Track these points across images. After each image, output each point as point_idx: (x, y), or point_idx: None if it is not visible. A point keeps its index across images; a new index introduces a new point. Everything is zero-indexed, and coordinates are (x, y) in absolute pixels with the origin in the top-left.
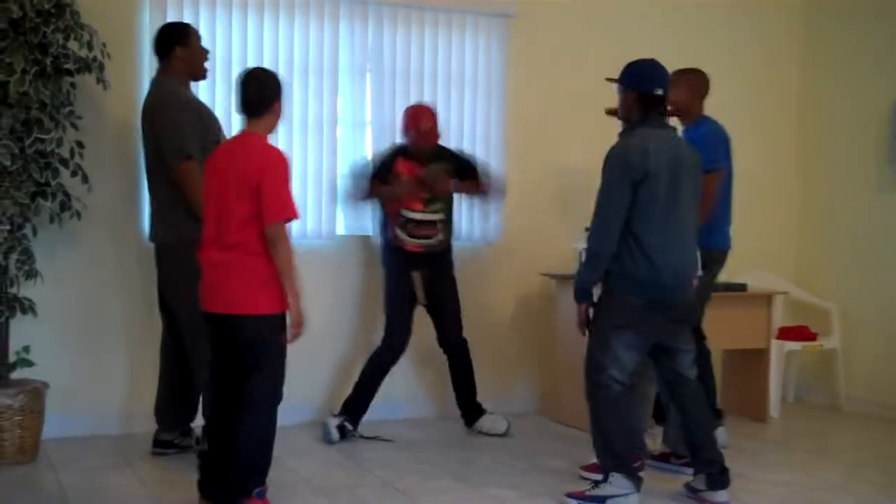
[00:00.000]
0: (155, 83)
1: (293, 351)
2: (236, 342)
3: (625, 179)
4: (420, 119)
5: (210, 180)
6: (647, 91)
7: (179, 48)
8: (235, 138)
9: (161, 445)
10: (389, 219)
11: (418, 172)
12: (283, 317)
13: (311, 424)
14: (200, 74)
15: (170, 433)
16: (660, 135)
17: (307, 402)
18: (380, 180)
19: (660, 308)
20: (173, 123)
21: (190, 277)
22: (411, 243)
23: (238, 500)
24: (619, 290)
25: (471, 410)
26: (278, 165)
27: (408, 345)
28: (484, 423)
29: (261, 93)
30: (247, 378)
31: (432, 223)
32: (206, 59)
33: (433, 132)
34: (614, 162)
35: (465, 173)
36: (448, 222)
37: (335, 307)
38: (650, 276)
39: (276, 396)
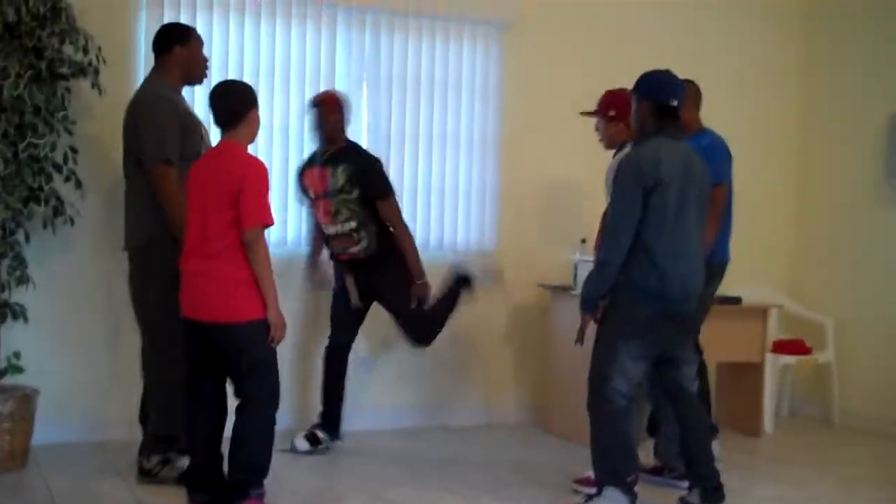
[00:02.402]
0: (145, 82)
1: (283, 361)
2: (223, 350)
3: (637, 189)
4: (326, 102)
5: (192, 192)
6: (662, 101)
7: (179, 47)
8: (214, 149)
9: None
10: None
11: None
12: (267, 320)
13: (298, 432)
14: (197, 79)
15: None
16: (672, 145)
17: (295, 410)
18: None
19: (667, 318)
20: (155, 125)
21: (157, 280)
22: (339, 252)
23: (235, 500)
24: (628, 300)
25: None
26: (257, 173)
27: (350, 342)
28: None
29: (231, 106)
30: (244, 385)
31: (347, 235)
32: (206, 66)
33: (336, 117)
34: (626, 171)
35: (368, 190)
36: (366, 228)
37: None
38: (659, 286)
39: (275, 399)
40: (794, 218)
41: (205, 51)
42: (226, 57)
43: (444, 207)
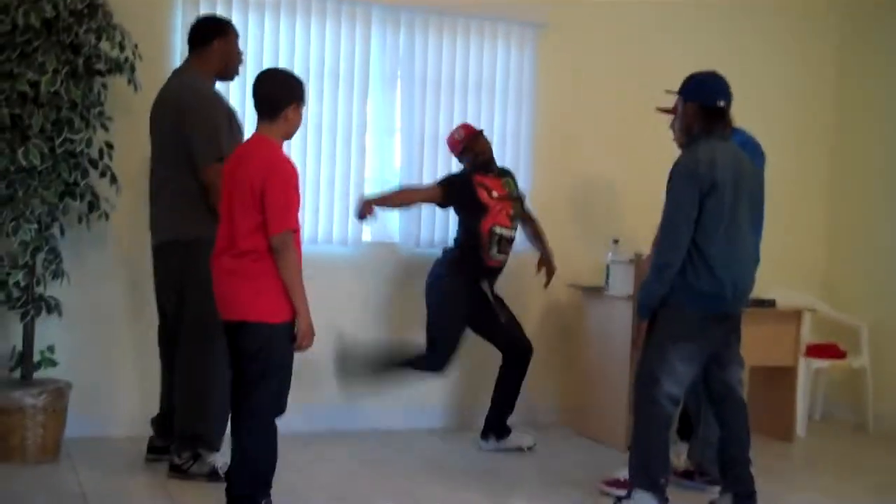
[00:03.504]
0: (181, 76)
1: (317, 358)
2: (244, 349)
3: (693, 192)
4: (474, 135)
5: (225, 186)
6: (709, 103)
7: (218, 41)
8: (246, 143)
9: (155, 451)
10: (481, 239)
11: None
12: (291, 325)
13: (330, 432)
14: (231, 73)
15: (164, 440)
16: (724, 147)
17: (326, 409)
18: (466, 205)
19: (718, 320)
20: (209, 123)
21: (200, 278)
22: (496, 259)
23: None
24: (679, 303)
25: (500, 425)
26: (282, 173)
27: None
28: (511, 439)
29: (273, 93)
30: (251, 386)
31: (510, 241)
32: (240, 60)
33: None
34: (683, 174)
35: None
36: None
37: (360, 314)
38: (712, 288)
39: (279, 406)
40: (828, 220)
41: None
42: (260, 54)
43: None
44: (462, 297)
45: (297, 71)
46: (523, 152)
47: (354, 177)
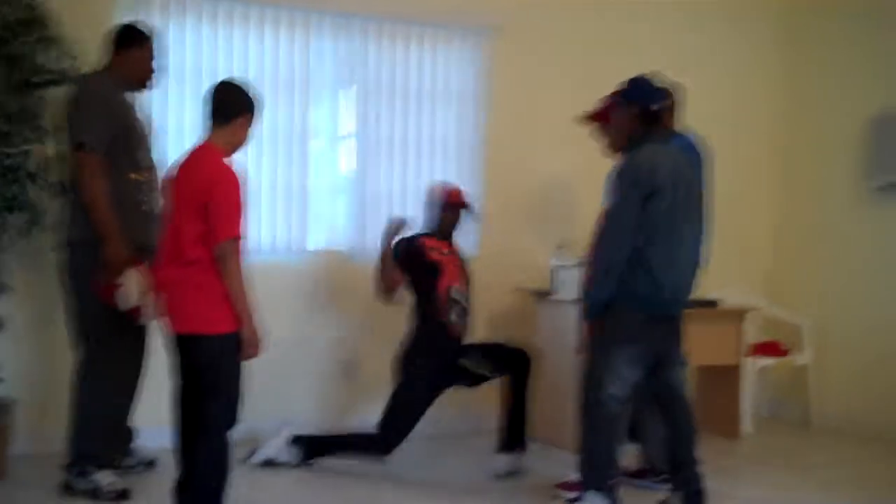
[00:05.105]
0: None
1: (266, 367)
2: (193, 363)
3: (636, 194)
4: (452, 191)
5: (169, 194)
6: (649, 106)
7: (117, 52)
8: (192, 151)
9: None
10: (439, 302)
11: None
12: (239, 335)
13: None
14: (136, 85)
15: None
16: (665, 151)
17: (279, 418)
18: (417, 267)
19: (658, 321)
20: (75, 114)
21: (75, 279)
22: (456, 325)
23: None
24: (620, 306)
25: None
26: (227, 182)
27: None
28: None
29: (231, 98)
30: (203, 399)
31: (467, 309)
32: (149, 74)
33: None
34: (624, 177)
35: None
36: None
37: (306, 322)
38: (650, 290)
39: (232, 419)
40: (773, 219)
41: (186, 57)
42: (214, 64)
43: None
44: (436, 374)
45: (250, 81)
46: (476, 156)
47: (296, 184)
